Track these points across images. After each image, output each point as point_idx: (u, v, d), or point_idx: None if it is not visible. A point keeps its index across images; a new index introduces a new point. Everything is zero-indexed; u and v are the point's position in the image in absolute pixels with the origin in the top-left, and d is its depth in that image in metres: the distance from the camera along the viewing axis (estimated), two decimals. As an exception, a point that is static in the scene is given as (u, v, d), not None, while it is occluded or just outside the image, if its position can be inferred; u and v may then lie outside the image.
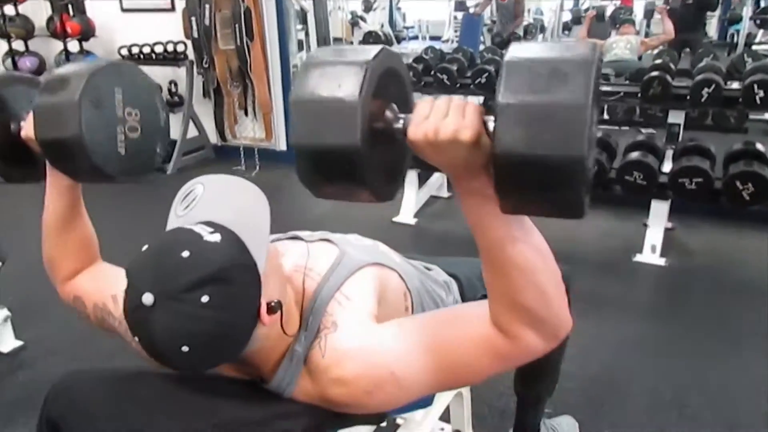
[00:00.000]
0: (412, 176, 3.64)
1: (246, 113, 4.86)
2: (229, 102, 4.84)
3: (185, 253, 0.79)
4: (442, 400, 1.42)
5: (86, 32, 5.14)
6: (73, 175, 1.10)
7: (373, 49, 0.78)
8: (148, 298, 0.78)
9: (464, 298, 1.32)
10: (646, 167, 2.87)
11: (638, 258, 3.07)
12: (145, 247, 0.84)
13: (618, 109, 5.32)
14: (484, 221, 0.82)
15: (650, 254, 3.06)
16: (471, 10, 7.60)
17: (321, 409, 0.94)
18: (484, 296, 1.28)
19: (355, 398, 0.91)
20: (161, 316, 0.78)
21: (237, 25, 4.45)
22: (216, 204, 0.89)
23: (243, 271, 0.82)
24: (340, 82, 0.75)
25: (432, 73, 3.76)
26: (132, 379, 0.89)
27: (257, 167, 4.70)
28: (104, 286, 1.12)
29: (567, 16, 9.36)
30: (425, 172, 3.69)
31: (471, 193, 0.81)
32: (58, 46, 5.11)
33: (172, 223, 0.90)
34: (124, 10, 5.16)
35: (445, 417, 1.60)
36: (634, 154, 2.96)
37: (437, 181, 4.00)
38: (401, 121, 0.80)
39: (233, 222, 0.85)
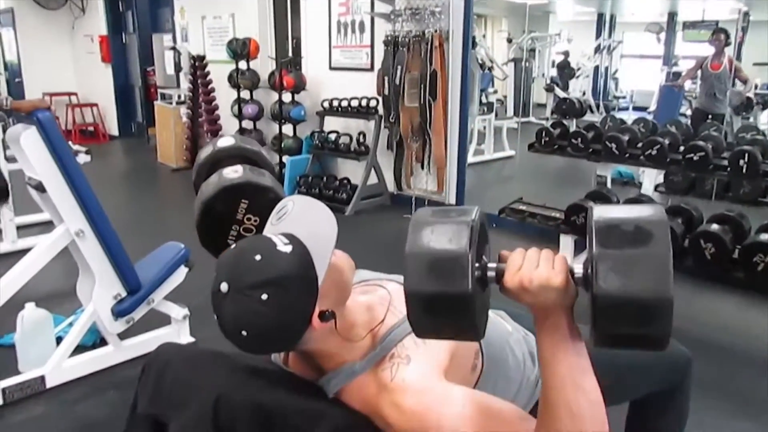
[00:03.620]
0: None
1: (422, 166, 5.18)
2: (408, 155, 5.21)
3: (257, 257, 0.97)
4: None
5: (299, 86, 5.92)
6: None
7: (473, 211, 0.92)
8: (224, 287, 0.97)
9: None
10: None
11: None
12: (233, 245, 1.05)
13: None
14: (558, 359, 0.91)
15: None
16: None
17: (356, 418, 1.06)
18: None
19: (399, 425, 1.01)
20: (230, 303, 0.97)
21: (423, 86, 4.83)
22: (299, 220, 1.07)
23: (302, 280, 0.99)
24: (450, 237, 0.87)
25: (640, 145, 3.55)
26: (209, 353, 1.12)
27: (425, 218, 4.95)
28: None
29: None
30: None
31: (551, 329, 0.91)
32: (275, 96, 5.95)
33: (267, 230, 1.10)
34: (332, 68, 5.86)
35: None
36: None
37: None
38: (493, 269, 0.92)
39: (307, 238, 1.03)
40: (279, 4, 6.49)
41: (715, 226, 3.01)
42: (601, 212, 0.85)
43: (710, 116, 5.55)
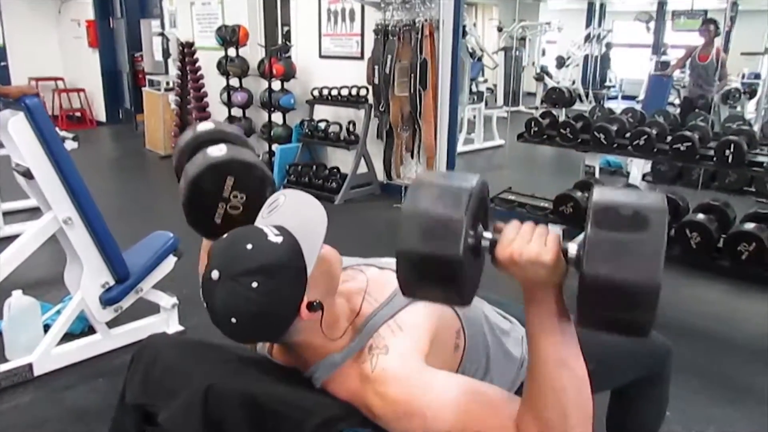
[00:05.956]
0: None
1: (412, 155, 5.18)
2: (398, 144, 5.20)
3: (249, 246, 0.99)
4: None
5: (288, 74, 5.88)
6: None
7: (475, 178, 0.92)
8: (215, 274, 0.98)
9: None
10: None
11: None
12: (226, 234, 1.06)
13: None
14: (543, 335, 0.92)
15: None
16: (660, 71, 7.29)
17: (345, 408, 1.07)
18: None
19: (385, 415, 1.03)
20: (221, 290, 0.98)
21: (413, 75, 4.82)
22: (290, 213, 1.09)
23: (291, 270, 1.01)
24: (448, 202, 0.87)
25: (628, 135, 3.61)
26: (199, 344, 1.12)
27: (415, 206, 4.95)
28: None
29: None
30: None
31: (538, 305, 0.92)
32: (265, 84, 5.91)
33: (258, 222, 1.12)
34: (321, 56, 5.83)
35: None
36: None
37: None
38: (488, 240, 0.93)
39: (298, 230, 1.05)
40: (269, -10, 6.44)
41: (701, 216, 3.05)
42: (601, 194, 0.85)
43: (697, 108, 5.57)
